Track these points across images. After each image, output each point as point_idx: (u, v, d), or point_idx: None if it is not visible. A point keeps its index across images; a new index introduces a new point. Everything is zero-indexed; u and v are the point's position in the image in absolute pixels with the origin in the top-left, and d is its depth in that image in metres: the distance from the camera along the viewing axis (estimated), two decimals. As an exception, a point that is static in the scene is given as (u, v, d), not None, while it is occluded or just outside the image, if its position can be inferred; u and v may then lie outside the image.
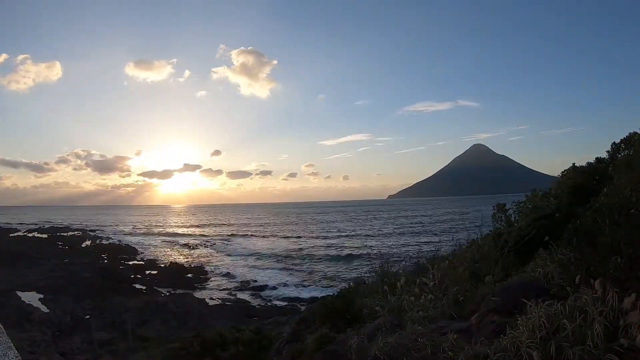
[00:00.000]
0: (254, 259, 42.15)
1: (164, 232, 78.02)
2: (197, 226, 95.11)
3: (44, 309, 19.70)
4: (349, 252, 42.91)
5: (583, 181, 7.50)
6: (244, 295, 26.03)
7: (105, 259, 38.59)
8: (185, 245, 55.22)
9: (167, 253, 46.94)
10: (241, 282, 30.22)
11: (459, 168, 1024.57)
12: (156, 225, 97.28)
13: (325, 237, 60.70)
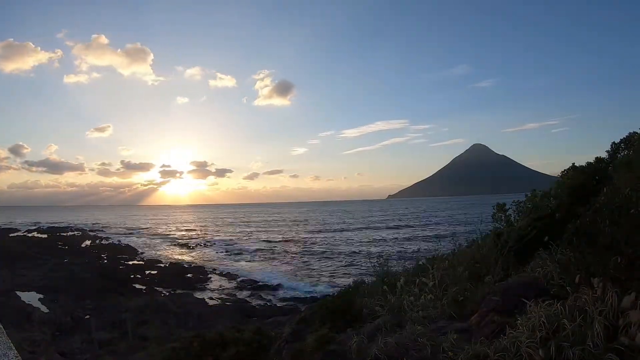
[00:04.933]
0: (254, 259, 42.14)
1: (162, 232, 78.04)
2: (195, 226, 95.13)
3: (44, 309, 19.68)
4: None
5: (583, 181, 7.50)
6: (244, 295, 26.01)
7: (105, 259, 38.54)
8: (185, 245, 55.22)
9: (167, 253, 46.91)
10: (241, 282, 30.21)
11: (459, 168, 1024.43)
12: (152, 225, 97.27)
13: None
